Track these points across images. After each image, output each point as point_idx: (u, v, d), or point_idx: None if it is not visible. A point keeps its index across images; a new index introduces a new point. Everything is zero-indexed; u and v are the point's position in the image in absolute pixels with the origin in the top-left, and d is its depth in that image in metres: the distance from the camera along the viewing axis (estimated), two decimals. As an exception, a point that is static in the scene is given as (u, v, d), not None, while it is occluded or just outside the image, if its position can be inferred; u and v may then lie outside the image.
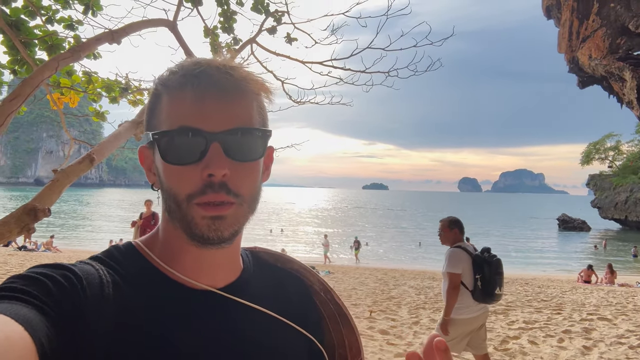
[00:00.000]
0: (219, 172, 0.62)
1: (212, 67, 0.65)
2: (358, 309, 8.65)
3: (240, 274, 0.76)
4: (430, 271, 18.51)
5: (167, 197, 0.66)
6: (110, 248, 0.72)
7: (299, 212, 75.43)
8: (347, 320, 0.86)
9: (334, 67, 5.12)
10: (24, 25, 3.97)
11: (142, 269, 0.68)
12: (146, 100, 4.91)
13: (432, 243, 34.47)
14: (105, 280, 0.62)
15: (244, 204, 0.66)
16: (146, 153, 0.71)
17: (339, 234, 40.61)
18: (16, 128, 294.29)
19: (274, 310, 0.75)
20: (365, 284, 12.36)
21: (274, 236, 35.92)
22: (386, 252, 30.01)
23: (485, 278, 4.14)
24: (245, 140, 0.66)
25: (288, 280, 0.85)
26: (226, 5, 5.65)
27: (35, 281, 0.55)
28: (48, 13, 4.57)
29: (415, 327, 7.41)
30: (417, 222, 60.29)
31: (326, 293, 0.87)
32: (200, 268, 0.70)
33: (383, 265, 21.99)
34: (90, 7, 4.35)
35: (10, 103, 2.18)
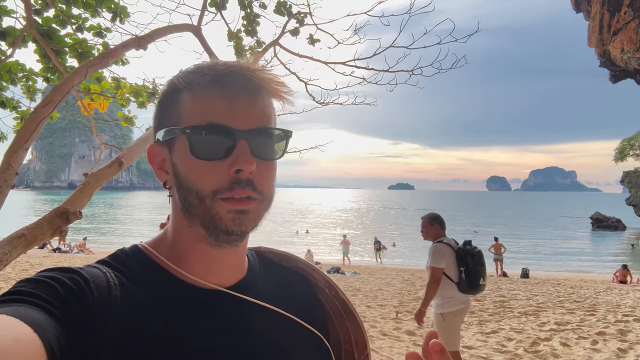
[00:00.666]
0: (248, 169, 0.64)
1: (242, 68, 0.67)
2: (384, 310, 8.58)
3: (246, 273, 0.78)
4: (459, 272, 18.26)
5: (187, 194, 0.66)
6: (117, 251, 0.72)
7: (324, 214, 75.45)
8: (353, 315, 0.87)
9: (356, 67, 5.10)
10: (55, 34, 4.10)
11: (149, 270, 0.69)
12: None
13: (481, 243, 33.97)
14: (112, 283, 0.63)
15: (264, 201, 0.69)
16: (157, 150, 0.72)
17: (365, 235, 40.37)
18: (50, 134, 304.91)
19: (281, 308, 0.76)
20: (391, 285, 12.26)
21: (300, 237, 35.98)
22: (413, 252, 29.53)
23: (469, 270, 4.27)
24: (269, 140, 0.68)
25: (293, 278, 0.87)
26: (249, 8, 5.71)
27: (44, 284, 0.56)
28: (78, 22, 4.71)
29: None
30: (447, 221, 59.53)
31: (331, 290, 0.88)
32: (208, 267, 0.71)
33: (410, 266, 21.74)
34: (118, 15, 4.47)
35: (42, 109, 2.26)
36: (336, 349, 0.86)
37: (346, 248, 23.79)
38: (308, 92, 5.41)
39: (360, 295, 10.32)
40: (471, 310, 8.65)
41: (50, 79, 4.59)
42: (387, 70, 5.22)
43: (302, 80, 5.27)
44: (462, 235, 37.94)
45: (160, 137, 0.70)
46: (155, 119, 0.72)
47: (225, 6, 5.66)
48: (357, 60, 4.97)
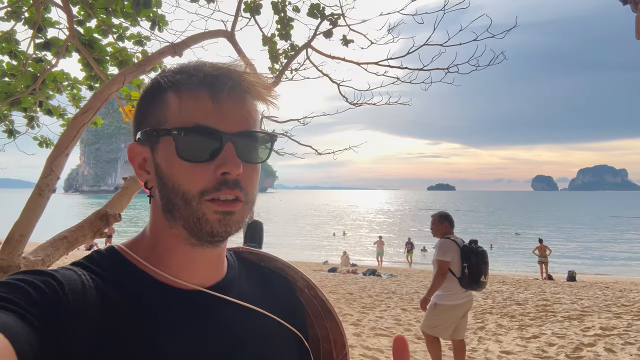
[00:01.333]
0: (235, 172, 0.64)
1: (230, 70, 0.67)
2: (420, 313, 8.41)
3: (226, 273, 0.77)
4: (501, 275, 17.58)
5: (171, 195, 0.66)
6: (92, 253, 0.71)
7: (361, 215, 75.05)
8: (332, 315, 0.88)
9: (390, 67, 5.04)
10: (96, 44, 4.27)
11: (125, 271, 0.68)
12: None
13: (505, 245, 32.81)
14: (87, 285, 0.61)
15: (248, 204, 0.68)
16: (138, 150, 0.71)
17: (403, 236, 39.89)
18: (97, 140, 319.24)
19: (261, 308, 0.76)
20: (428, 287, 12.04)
21: (337, 239, 35.91)
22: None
23: (472, 266, 4.54)
24: (255, 143, 0.69)
25: (273, 278, 0.87)
26: (283, 12, 5.76)
27: (16, 288, 0.55)
28: (119, 31, 4.89)
29: (480, 332, 7.06)
30: (487, 223, 57.73)
31: (310, 290, 0.88)
32: (188, 268, 0.70)
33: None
34: (157, 23, 4.60)
35: (82, 116, 2.35)
36: (315, 348, 0.87)
37: (380, 249, 23.16)
38: (341, 94, 5.39)
39: (396, 298, 10.16)
40: (511, 314, 8.37)
41: (93, 87, 4.79)
42: (422, 68, 5.13)
43: (335, 82, 5.26)
44: (502, 238, 36.51)
45: (142, 137, 0.69)
46: (137, 116, 0.71)
47: (260, 11, 5.74)
48: (391, 60, 4.91)
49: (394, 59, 4.84)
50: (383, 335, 6.73)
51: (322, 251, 28.13)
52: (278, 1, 5.70)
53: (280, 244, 31.59)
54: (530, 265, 22.86)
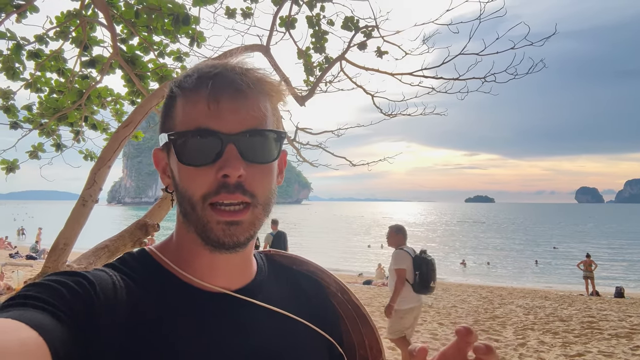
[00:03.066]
0: (234, 174, 0.62)
1: (228, 69, 0.65)
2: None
3: (254, 277, 0.76)
4: (544, 290, 16.81)
5: (182, 200, 0.66)
6: (124, 254, 0.72)
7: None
8: (366, 320, 0.85)
9: (425, 77, 4.99)
10: (138, 60, 4.45)
11: (155, 273, 0.69)
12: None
13: (552, 261, 31.50)
14: (118, 285, 0.63)
15: (258, 206, 0.66)
16: (160, 155, 0.72)
17: (440, 249, 39.04)
18: (139, 153, 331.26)
19: (291, 312, 0.75)
20: (467, 302, 11.64)
21: (373, 252, 35.52)
22: (493, 269, 27.94)
23: (423, 274, 5.07)
24: (259, 142, 0.66)
25: (304, 282, 0.85)
26: (317, 26, 5.83)
27: (49, 288, 0.56)
28: (160, 48, 5.08)
29: (521, 349, 6.77)
30: (529, 236, 55.63)
31: (343, 294, 0.86)
32: (213, 271, 0.70)
33: (489, 282, 20.62)
34: (195, 40, 4.75)
35: (123, 130, 2.43)
36: (350, 353, 0.84)
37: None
38: (375, 105, 5.38)
39: (432, 312, 9.91)
40: (554, 330, 8.01)
41: (135, 102, 4.98)
42: (457, 78, 5.05)
43: (369, 93, 5.26)
44: (543, 252, 34.87)
45: (160, 143, 0.70)
46: (160, 123, 0.72)
47: (295, 25, 5.84)
48: (425, 70, 4.86)
49: (429, 69, 4.79)
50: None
51: (356, 263, 27.85)
52: (313, 15, 5.78)
53: (314, 255, 31.50)
54: (574, 280, 21.91)
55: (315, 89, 5.10)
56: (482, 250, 38.81)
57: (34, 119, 4.76)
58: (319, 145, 6.10)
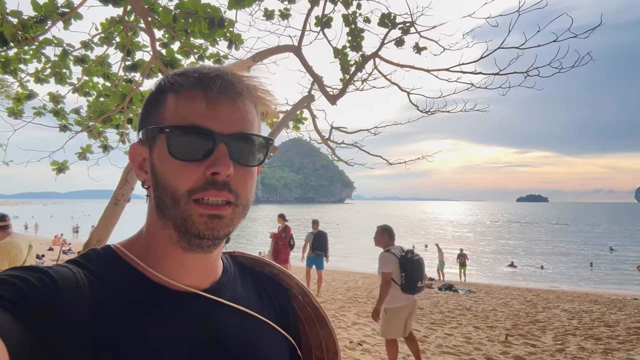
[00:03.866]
0: (224, 172, 0.63)
1: (227, 73, 0.67)
2: (493, 332, 7.82)
3: (221, 276, 0.76)
4: (595, 294, 15.88)
5: (162, 194, 0.66)
6: (89, 251, 0.71)
7: (444, 227, 72.45)
8: (325, 322, 0.88)
9: (462, 73, 4.86)
10: (177, 64, 4.59)
11: (120, 270, 0.68)
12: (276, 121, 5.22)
13: (608, 263, 29.83)
14: (81, 283, 0.61)
15: (239, 206, 0.67)
16: (138, 150, 0.72)
17: (489, 250, 37.81)
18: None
19: (256, 311, 0.76)
20: (508, 305, 11.14)
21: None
22: (544, 271, 26.75)
23: (409, 275, 5.17)
24: (249, 146, 0.68)
25: (267, 283, 0.86)
26: (353, 24, 5.80)
27: (9, 284, 0.55)
28: (200, 51, 5.22)
29: (558, 354, 6.42)
30: (585, 238, 52.83)
31: (304, 296, 0.88)
32: (183, 270, 0.70)
33: (537, 285, 19.76)
34: (233, 42, 4.85)
35: (154, 131, 2.52)
36: (306, 354, 0.88)
37: (440, 262, 21.28)
38: (411, 102, 5.29)
39: (469, 315, 9.56)
40: (598, 336, 7.56)
41: (174, 104, 5.15)
42: (498, 73, 4.88)
43: (405, 90, 5.17)
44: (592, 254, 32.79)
45: (142, 137, 0.70)
46: (140, 118, 0.73)
47: (330, 24, 5.83)
48: (463, 65, 4.73)
49: (467, 64, 4.66)
50: (449, 353, 6.37)
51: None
52: (349, 13, 5.76)
53: (356, 255, 31.34)
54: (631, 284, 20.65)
55: (347, 87, 5.07)
56: (533, 251, 37.28)
57: (83, 121, 5.02)
58: (355, 144, 6.08)
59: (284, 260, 10.44)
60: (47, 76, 4.70)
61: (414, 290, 5.22)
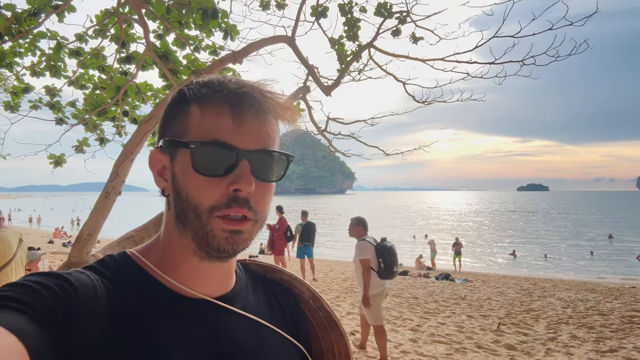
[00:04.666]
0: (247, 189, 0.64)
1: (254, 89, 0.68)
2: (486, 321, 7.84)
3: (234, 285, 0.78)
4: (593, 282, 15.87)
5: (184, 206, 0.67)
6: (105, 257, 0.72)
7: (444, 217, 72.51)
8: (336, 326, 0.88)
9: (458, 62, 4.84)
10: (171, 55, 4.58)
11: (136, 277, 0.69)
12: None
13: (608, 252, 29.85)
14: (99, 290, 0.63)
15: (258, 222, 0.69)
16: (159, 157, 0.72)
17: (489, 239, 37.88)
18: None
19: (266, 320, 0.77)
20: (504, 294, 11.15)
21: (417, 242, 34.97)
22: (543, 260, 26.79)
23: (386, 260, 5.47)
24: (270, 161, 0.69)
25: (278, 290, 0.88)
26: (350, 14, 5.77)
27: (30, 290, 0.56)
28: (195, 43, 5.21)
29: (550, 343, 6.45)
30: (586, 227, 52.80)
31: (315, 301, 0.89)
32: (197, 277, 0.71)
33: (534, 274, 19.81)
34: (229, 33, 4.83)
35: (146, 123, 2.53)
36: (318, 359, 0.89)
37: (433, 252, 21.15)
38: (407, 92, 5.28)
39: (464, 304, 9.59)
40: (590, 325, 7.60)
41: (170, 96, 5.15)
42: (493, 62, 4.87)
43: (400, 81, 5.17)
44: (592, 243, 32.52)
45: (163, 145, 0.70)
46: (161, 125, 0.72)
47: (326, 14, 5.80)
48: (458, 55, 4.71)
49: (461, 54, 4.65)
50: (441, 342, 6.42)
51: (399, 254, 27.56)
52: (345, 3, 5.73)
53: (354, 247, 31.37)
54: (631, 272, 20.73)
55: (342, 78, 5.06)
56: (533, 240, 37.37)
57: (79, 114, 5.02)
58: (352, 135, 6.08)
59: (279, 252, 10.54)
60: (42, 69, 4.69)
61: (391, 275, 5.53)
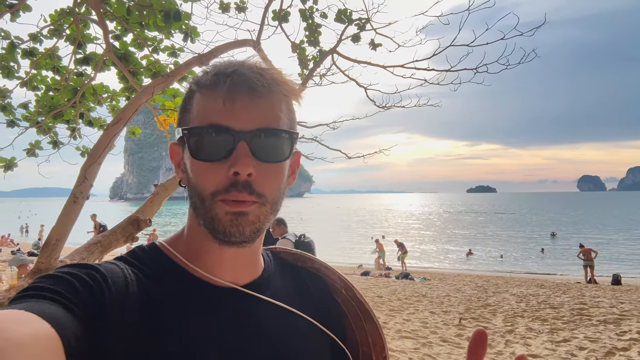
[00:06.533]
0: (245, 171, 0.62)
1: (245, 67, 0.66)
2: (448, 317, 8.25)
3: (262, 273, 0.77)
4: (541, 279, 16.79)
5: (192, 194, 0.67)
6: (135, 248, 0.73)
7: (399, 219, 74.08)
8: (370, 317, 0.85)
9: (416, 69, 5.02)
10: (131, 57, 4.48)
11: (165, 266, 0.70)
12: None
13: (554, 250, 31.45)
14: (129, 279, 0.64)
15: (266, 204, 0.66)
16: (176, 150, 0.73)
17: (442, 240, 39.07)
18: (140, 149, 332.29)
19: (296, 308, 0.76)
20: (461, 291, 11.66)
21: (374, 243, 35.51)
22: (492, 259, 27.92)
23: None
24: (271, 141, 0.66)
25: (309, 279, 0.86)
26: (311, 19, 5.84)
27: (62, 280, 0.57)
28: (154, 44, 5.11)
29: (508, 335, 6.87)
30: (532, 226, 55.50)
31: (348, 290, 0.85)
32: (222, 265, 0.71)
33: (486, 272, 20.67)
34: (189, 35, 4.78)
35: (114, 126, 2.48)
36: (353, 351, 0.85)
37: (381, 252, 21.44)
38: (368, 97, 5.41)
39: (425, 302, 9.98)
40: (544, 317, 8.12)
41: (130, 98, 5.02)
42: (449, 70, 5.07)
43: (362, 86, 5.28)
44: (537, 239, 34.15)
45: (177, 137, 0.71)
46: (178, 117, 0.73)
47: (288, 19, 5.84)
48: (417, 62, 4.89)
49: (420, 61, 4.82)
50: (408, 337, 6.68)
51: (357, 254, 27.92)
52: (306, 8, 5.79)
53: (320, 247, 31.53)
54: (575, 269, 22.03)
55: (307, 82, 5.12)
56: (483, 240, 38.86)
57: (31, 117, 4.81)
58: (314, 139, 6.15)
59: None
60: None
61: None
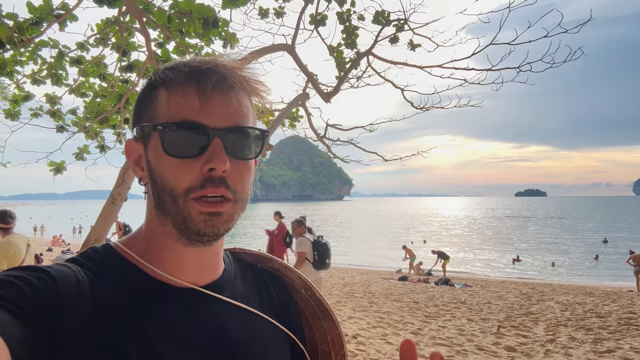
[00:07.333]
0: (221, 167, 0.62)
1: (219, 65, 0.66)
2: (486, 324, 7.92)
3: (222, 274, 0.76)
4: (591, 286, 15.89)
5: (160, 191, 0.65)
6: (88, 249, 0.70)
7: (442, 223, 72.49)
8: (329, 315, 0.86)
9: (455, 69, 4.91)
10: (172, 64, 4.63)
11: (120, 268, 0.67)
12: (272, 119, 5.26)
13: (608, 256, 29.90)
14: (82, 281, 0.61)
15: (239, 201, 0.67)
16: (134, 147, 0.71)
17: (488, 246, 37.89)
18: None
19: (256, 309, 0.75)
20: (503, 298, 11.20)
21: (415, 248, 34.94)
22: (539, 266, 26.79)
23: (320, 253, 6.63)
24: (244, 139, 0.67)
25: (268, 279, 0.85)
26: (348, 21, 5.83)
27: (9, 284, 0.54)
28: (195, 51, 5.26)
29: (548, 345, 6.53)
30: (584, 232, 52.83)
31: (307, 290, 0.86)
32: (182, 266, 0.69)
33: (533, 279, 19.85)
34: (228, 41, 4.89)
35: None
36: (312, 350, 0.86)
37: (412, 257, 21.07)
38: (405, 99, 5.34)
39: (464, 308, 9.63)
40: (589, 327, 7.69)
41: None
42: (490, 69, 4.93)
43: (398, 87, 5.22)
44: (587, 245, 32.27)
45: (136, 133, 0.69)
46: (134, 114, 0.71)
47: (325, 22, 5.87)
48: (456, 62, 4.78)
49: (459, 61, 4.71)
50: (442, 344, 6.50)
51: (396, 259, 27.55)
52: (343, 11, 5.79)
53: (354, 252, 31.41)
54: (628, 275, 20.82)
55: (341, 85, 5.11)
56: (531, 246, 37.41)
57: (80, 122, 5.06)
58: (350, 142, 6.13)
59: (278, 257, 10.53)
60: (43, 77, 4.73)
61: (324, 266, 6.66)
